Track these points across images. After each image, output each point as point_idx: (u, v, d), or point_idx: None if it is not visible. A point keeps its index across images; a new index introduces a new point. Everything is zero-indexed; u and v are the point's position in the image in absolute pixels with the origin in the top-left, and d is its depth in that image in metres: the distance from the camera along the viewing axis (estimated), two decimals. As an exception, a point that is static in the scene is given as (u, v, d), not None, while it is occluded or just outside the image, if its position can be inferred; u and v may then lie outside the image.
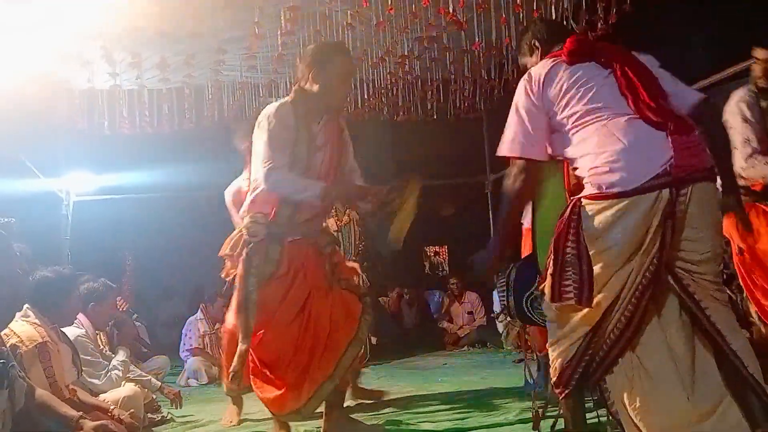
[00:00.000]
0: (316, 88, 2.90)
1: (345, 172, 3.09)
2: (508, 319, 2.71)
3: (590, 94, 2.15)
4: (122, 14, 4.72)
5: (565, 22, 4.72)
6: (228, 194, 4.06)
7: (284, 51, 5.30)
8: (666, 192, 1.99)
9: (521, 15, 4.87)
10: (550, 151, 2.28)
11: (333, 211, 5.12)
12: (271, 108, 2.92)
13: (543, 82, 2.22)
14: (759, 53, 3.25)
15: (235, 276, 3.07)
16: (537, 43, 2.48)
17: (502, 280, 2.65)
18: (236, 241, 3.04)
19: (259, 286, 2.88)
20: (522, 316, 2.64)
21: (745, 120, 3.16)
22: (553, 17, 4.74)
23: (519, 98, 2.27)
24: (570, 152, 2.19)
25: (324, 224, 3.32)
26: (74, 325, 3.64)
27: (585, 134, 2.13)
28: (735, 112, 3.19)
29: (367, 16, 4.82)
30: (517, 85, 2.40)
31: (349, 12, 4.76)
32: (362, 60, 5.64)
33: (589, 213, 2.06)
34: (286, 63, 5.70)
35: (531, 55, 2.49)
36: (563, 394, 2.21)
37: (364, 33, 5.11)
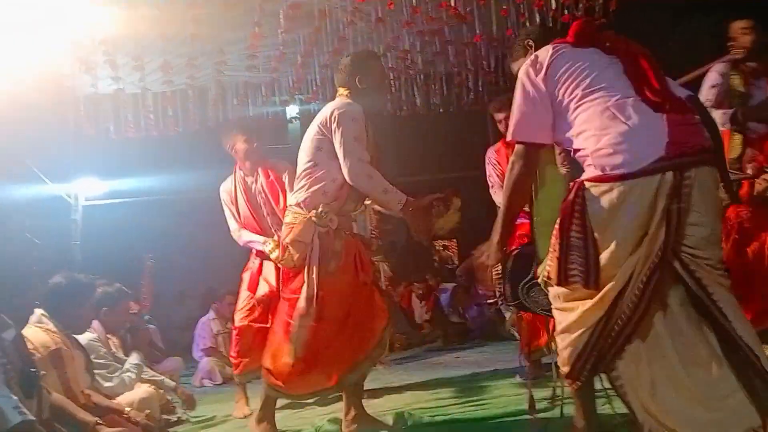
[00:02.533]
0: (365, 90, 3.06)
1: None
2: (505, 305, 2.72)
3: (593, 76, 2.14)
4: (123, 19, 4.74)
5: (566, 11, 4.72)
6: (224, 192, 4.08)
7: (285, 49, 5.31)
8: (669, 175, 1.98)
9: (522, 6, 4.86)
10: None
11: None
12: (343, 106, 2.97)
13: (548, 64, 2.21)
14: (734, 25, 3.52)
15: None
16: (531, 42, 2.48)
17: (498, 267, 2.64)
18: (305, 228, 2.95)
19: (322, 278, 2.91)
20: (517, 304, 2.64)
21: (713, 86, 3.51)
22: (554, 6, 4.74)
23: (523, 82, 2.25)
24: (571, 134, 2.16)
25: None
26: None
27: (587, 116, 2.12)
28: (706, 78, 3.56)
29: (366, 12, 4.82)
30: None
31: (348, 8, 4.76)
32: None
33: (594, 195, 2.05)
34: (287, 61, 5.71)
35: (526, 56, 2.45)
36: (575, 386, 2.21)
37: (365, 29, 5.11)
